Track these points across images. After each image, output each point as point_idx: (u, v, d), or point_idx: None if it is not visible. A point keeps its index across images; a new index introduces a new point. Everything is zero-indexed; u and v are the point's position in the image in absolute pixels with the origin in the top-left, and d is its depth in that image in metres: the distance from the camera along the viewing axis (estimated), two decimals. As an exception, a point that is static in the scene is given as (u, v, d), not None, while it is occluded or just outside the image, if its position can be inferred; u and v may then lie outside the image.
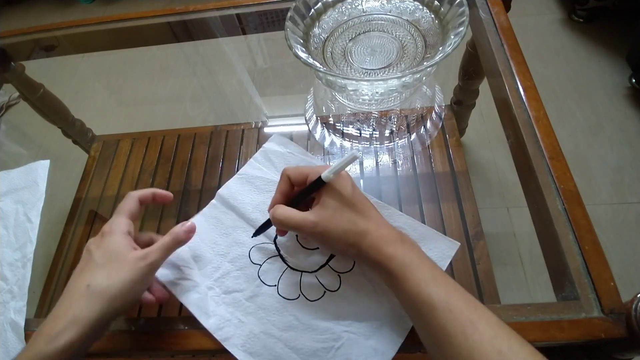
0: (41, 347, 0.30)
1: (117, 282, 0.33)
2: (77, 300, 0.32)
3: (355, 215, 0.34)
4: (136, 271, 0.34)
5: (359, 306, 0.38)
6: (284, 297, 0.40)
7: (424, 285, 0.31)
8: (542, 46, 1.28)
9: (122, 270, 0.33)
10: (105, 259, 0.34)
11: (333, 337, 0.37)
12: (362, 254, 0.34)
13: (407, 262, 0.32)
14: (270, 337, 0.38)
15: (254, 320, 0.39)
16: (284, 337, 0.37)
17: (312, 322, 0.38)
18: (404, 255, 0.33)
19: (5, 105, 1.20)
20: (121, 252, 0.35)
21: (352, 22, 0.59)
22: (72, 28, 0.71)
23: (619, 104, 1.12)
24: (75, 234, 0.67)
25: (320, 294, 0.40)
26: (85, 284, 0.32)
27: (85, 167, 0.76)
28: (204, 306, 0.39)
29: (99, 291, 0.32)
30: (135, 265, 0.34)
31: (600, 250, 0.36)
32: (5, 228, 0.50)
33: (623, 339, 0.32)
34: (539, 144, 0.42)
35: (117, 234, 0.36)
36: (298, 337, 0.37)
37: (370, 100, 0.58)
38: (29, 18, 1.86)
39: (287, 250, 0.43)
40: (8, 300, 0.44)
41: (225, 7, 0.69)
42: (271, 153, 0.50)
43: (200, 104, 1.25)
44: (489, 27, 0.55)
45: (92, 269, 0.33)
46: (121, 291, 0.33)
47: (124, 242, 0.35)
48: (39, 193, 0.52)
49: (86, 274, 0.33)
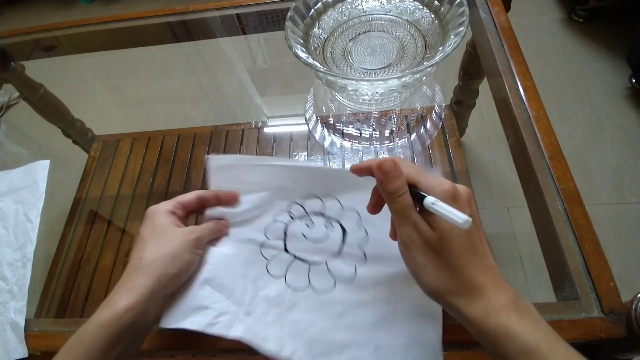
0: (101, 316, 0.31)
1: (168, 252, 0.34)
2: (134, 272, 0.33)
3: (476, 265, 0.28)
4: (185, 243, 0.35)
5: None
6: (320, 293, 0.39)
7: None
8: (542, 46, 1.28)
9: (172, 242, 0.35)
10: (153, 233, 0.36)
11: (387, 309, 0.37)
12: (461, 314, 0.28)
13: (531, 345, 0.25)
14: (328, 330, 0.37)
15: (305, 325, 0.37)
16: (340, 324, 0.37)
17: (361, 300, 0.38)
18: (523, 334, 0.25)
19: (5, 105, 1.20)
20: (167, 226, 0.36)
21: (352, 22, 0.59)
22: (72, 28, 0.71)
23: (619, 104, 1.12)
24: (75, 234, 0.67)
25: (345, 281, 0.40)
26: (138, 256, 0.34)
27: (85, 167, 0.76)
28: (255, 333, 0.37)
29: (151, 261, 0.34)
30: (183, 237, 0.36)
31: (600, 250, 0.36)
32: (5, 228, 0.50)
33: (623, 339, 0.32)
34: (539, 144, 0.42)
35: (160, 213, 0.37)
36: (354, 318, 0.37)
37: (370, 100, 0.58)
38: (29, 18, 1.86)
39: (297, 250, 0.42)
40: (8, 300, 0.44)
41: (225, 7, 0.69)
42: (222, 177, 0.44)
43: (200, 104, 1.25)
44: (489, 27, 0.55)
45: (143, 244, 0.35)
46: (172, 259, 0.34)
47: (167, 219, 0.37)
48: (39, 193, 0.52)
49: (139, 249, 0.35)
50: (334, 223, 0.43)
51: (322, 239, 0.42)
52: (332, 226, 0.43)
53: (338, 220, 0.43)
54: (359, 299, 0.38)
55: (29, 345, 0.40)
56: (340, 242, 0.42)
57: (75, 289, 0.63)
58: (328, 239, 0.42)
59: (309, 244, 0.42)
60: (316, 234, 0.42)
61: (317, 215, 0.43)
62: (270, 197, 0.43)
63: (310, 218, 0.43)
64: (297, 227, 0.43)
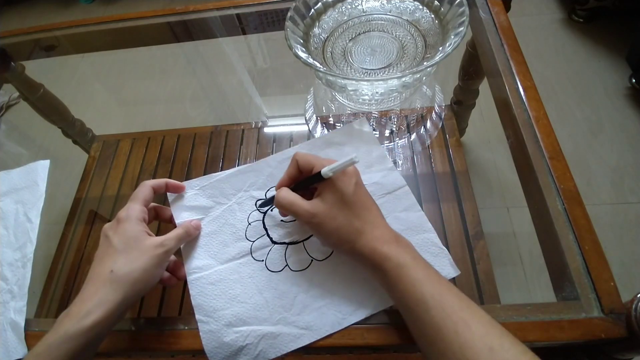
0: (68, 327, 0.31)
1: (138, 268, 0.35)
2: (102, 285, 0.34)
3: (352, 214, 0.35)
4: (155, 258, 0.36)
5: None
6: (325, 260, 0.42)
7: (418, 285, 0.31)
8: (542, 46, 1.28)
9: (142, 256, 0.36)
10: (124, 244, 0.36)
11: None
12: (355, 252, 0.35)
13: (402, 262, 0.33)
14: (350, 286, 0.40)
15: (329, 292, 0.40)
16: (355, 277, 0.40)
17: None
18: (398, 256, 0.33)
19: (5, 105, 1.20)
20: (139, 238, 0.37)
21: (352, 22, 0.59)
22: (72, 28, 0.71)
23: (619, 104, 1.12)
24: (75, 234, 0.67)
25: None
26: (108, 269, 0.35)
27: (85, 167, 0.76)
28: (294, 336, 0.38)
29: (122, 276, 0.34)
30: (154, 252, 0.36)
31: (600, 250, 0.36)
32: (5, 228, 0.50)
33: (623, 339, 0.32)
34: (539, 144, 0.42)
35: (133, 221, 0.38)
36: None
37: (370, 100, 0.58)
38: (29, 18, 1.86)
39: (284, 236, 0.44)
40: (8, 300, 0.44)
41: (225, 7, 0.69)
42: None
43: (200, 104, 1.25)
44: (489, 27, 0.55)
45: (113, 255, 0.36)
46: (142, 275, 0.35)
47: (139, 228, 0.38)
48: (39, 193, 0.52)
49: (108, 260, 0.35)
50: None
51: None
52: None
53: None
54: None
55: (29, 345, 0.40)
56: None
57: (75, 289, 0.63)
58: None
59: (291, 225, 0.44)
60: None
61: None
62: (231, 207, 0.46)
63: None
64: (272, 217, 0.45)
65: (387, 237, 0.35)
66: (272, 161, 0.49)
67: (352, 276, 0.40)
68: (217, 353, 0.37)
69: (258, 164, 0.49)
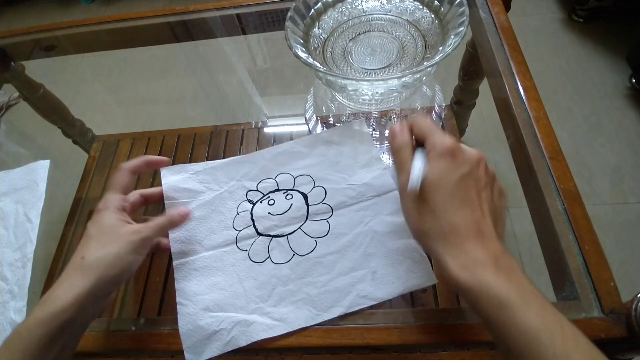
0: (38, 312, 0.31)
1: (110, 252, 0.34)
2: (74, 271, 0.33)
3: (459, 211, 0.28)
4: (129, 244, 0.35)
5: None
6: (306, 256, 0.42)
7: (532, 339, 0.24)
8: (542, 46, 1.28)
9: (115, 242, 0.35)
10: (98, 232, 0.36)
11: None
12: (439, 259, 0.29)
13: (504, 299, 0.25)
14: (327, 283, 0.40)
15: (305, 290, 0.40)
16: (334, 273, 0.40)
17: (343, 245, 0.42)
18: (497, 287, 0.25)
19: (5, 105, 1.20)
20: (114, 225, 0.36)
21: (352, 22, 0.59)
22: (72, 28, 0.71)
23: (619, 104, 1.12)
24: (75, 234, 0.67)
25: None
26: (80, 256, 0.34)
27: (85, 167, 0.76)
28: (268, 326, 0.38)
29: (92, 261, 0.34)
30: (128, 237, 0.35)
31: (600, 250, 0.36)
32: (5, 228, 0.50)
33: (623, 339, 0.32)
34: (539, 144, 0.42)
35: (109, 210, 0.37)
36: (344, 262, 0.41)
37: (370, 100, 0.58)
38: (29, 18, 1.86)
39: (270, 229, 0.45)
40: (8, 300, 0.44)
41: (225, 7, 0.69)
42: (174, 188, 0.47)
43: (200, 104, 1.25)
44: (489, 27, 0.55)
45: (86, 242, 0.35)
46: (114, 261, 0.34)
47: (116, 216, 0.37)
48: (39, 193, 0.52)
49: (81, 248, 0.35)
50: (292, 193, 0.47)
51: (288, 210, 0.45)
52: (291, 196, 0.46)
53: (294, 188, 0.47)
54: (341, 245, 0.42)
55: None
56: (305, 205, 0.45)
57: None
58: (292, 208, 0.45)
59: (278, 218, 0.45)
60: (280, 207, 0.45)
61: (274, 192, 0.47)
62: (222, 195, 0.47)
63: (269, 196, 0.47)
64: (260, 209, 0.46)
65: (485, 257, 0.27)
66: (267, 154, 0.50)
67: (331, 273, 0.40)
68: (190, 335, 0.38)
69: (253, 155, 0.50)
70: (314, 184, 0.47)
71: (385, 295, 0.38)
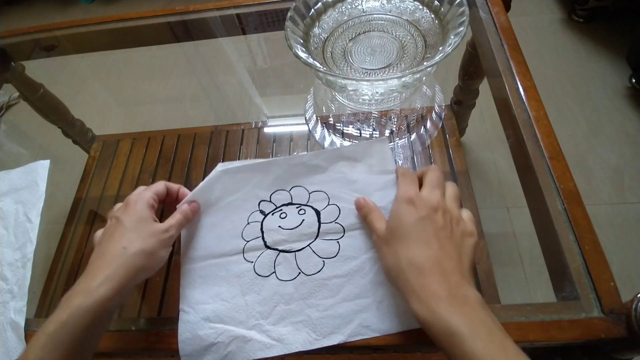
0: (80, 301, 0.31)
1: (148, 247, 0.36)
2: (113, 260, 0.34)
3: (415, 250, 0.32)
4: (161, 242, 0.37)
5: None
6: (312, 276, 0.41)
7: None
8: (542, 46, 1.28)
9: (151, 238, 0.37)
10: (135, 224, 0.37)
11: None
12: (404, 298, 0.32)
13: (454, 329, 0.27)
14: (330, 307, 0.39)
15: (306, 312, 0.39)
16: (339, 297, 0.39)
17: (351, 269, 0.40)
18: (448, 318, 0.28)
19: (5, 105, 1.20)
20: (148, 221, 0.38)
21: (352, 22, 0.59)
22: (72, 28, 0.71)
23: (619, 104, 1.12)
24: (75, 234, 0.67)
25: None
26: (120, 246, 0.35)
27: (85, 167, 0.76)
28: (265, 345, 0.38)
29: (134, 253, 0.35)
30: (161, 236, 0.37)
31: (600, 250, 0.36)
32: (5, 228, 0.50)
33: (623, 339, 0.32)
34: (539, 144, 0.42)
35: (143, 203, 0.39)
36: (350, 288, 0.39)
37: (370, 100, 0.58)
38: (29, 18, 1.86)
39: (278, 243, 0.43)
40: (8, 300, 0.44)
41: (225, 7, 0.69)
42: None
43: (200, 104, 1.25)
44: (489, 27, 0.55)
45: (124, 233, 0.36)
46: (151, 256, 0.36)
47: (148, 212, 0.38)
48: (39, 193, 0.52)
49: (120, 238, 0.36)
50: (305, 208, 0.45)
51: (299, 225, 0.43)
52: (304, 211, 0.44)
53: (308, 204, 0.45)
54: (349, 268, 0.40)
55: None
56: (317, 222, 0.43)
57: (75, 289, 0.63)
58: (304, 224, 0.43)
59: (288, 233, 0.43)
60: (291, 222, 0.44)
61: (287, 205, 0.45)
62: (235, 202, 0.46)
63: (281, 209, 0.45)
64: (271, 221, 0.44)
65: (439, 290, 0.29)
66: (283, 164, 0.47)
67: (335, 297, 0.39)
68: (188, 344, 0.38)
69: (270, 163, 0.47)
70: (329, 202, 0.44)
71: (389, 328, 0.36)
